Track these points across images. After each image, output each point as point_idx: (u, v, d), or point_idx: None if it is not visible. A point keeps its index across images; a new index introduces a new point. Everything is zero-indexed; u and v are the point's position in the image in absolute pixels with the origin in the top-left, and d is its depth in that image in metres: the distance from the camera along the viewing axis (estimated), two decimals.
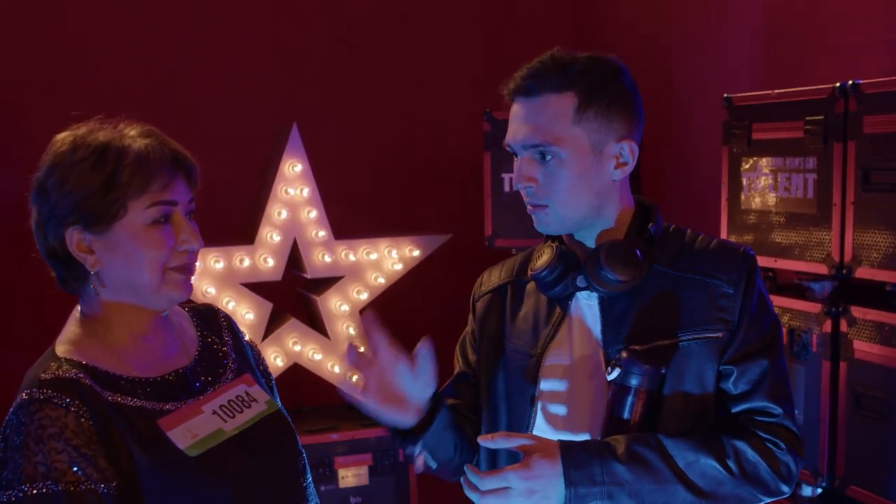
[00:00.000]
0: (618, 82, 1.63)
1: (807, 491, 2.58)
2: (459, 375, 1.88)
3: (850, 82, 2.41)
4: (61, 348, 1.48)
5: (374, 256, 3.55)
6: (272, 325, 3.48)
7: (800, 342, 2.54)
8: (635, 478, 1.54)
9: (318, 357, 3.52)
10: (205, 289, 3.31)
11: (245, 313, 3.37)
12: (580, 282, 1.65)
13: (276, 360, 3.45)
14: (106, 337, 1.51)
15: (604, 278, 1.60)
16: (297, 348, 3.49)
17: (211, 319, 1.71)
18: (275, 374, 3.37)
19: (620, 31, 4.21)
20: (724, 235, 2.83)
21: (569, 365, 1.69)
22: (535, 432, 1.70)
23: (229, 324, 1.73)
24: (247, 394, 1.60)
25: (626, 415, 1.59)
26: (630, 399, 1.58)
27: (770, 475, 1.58)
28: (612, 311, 1.66)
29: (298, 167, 3.42)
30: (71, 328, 1.53)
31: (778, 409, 1.60)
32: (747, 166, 2.75)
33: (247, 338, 1.76)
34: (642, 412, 1.59)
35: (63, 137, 1.49)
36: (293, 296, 3.83)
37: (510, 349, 1.77)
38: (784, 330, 2.58)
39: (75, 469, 1.35)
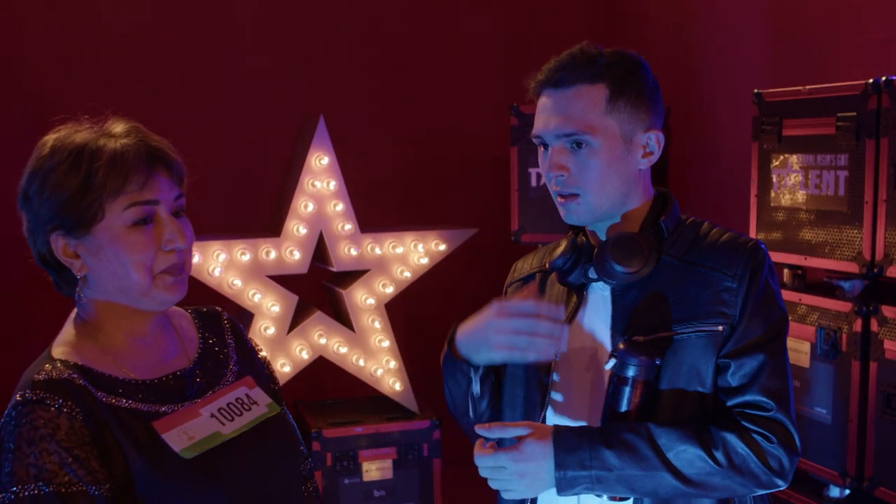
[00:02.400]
0: (643, 75, 1.68)
1: (835, 492, 2.56)
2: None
3: (884, 78, 2.37)
4: (57, 350, 1.48)
5: (400, 250, 3.55)
6: (298, 317, 3.49)
7: (829, 341, 2.51)
8: (622, 464, 1.58)
9: (343, 350, 3.53)
10: (231, 281, 3.32)
11: (271, 306, 3.39)
12: (591, 273, 1.70)
13: (301, 353, 3.46)
14: (101, 339, 1.50)
15: (610, 270, 1.64)
16: (323, 341, 3.50)
17: (213, 321, 1.68)
18: (300, 367, 3.43)
19: (648, 25, 4.18)
20: (752, 233, 2.80)
21: (581, 353, 1.73)
22: (547, 418, 1.74)
23: (233, 325, 1.70)
24: (247, 396, 1.58)
25: (623, 406, 1.61)
26: (627, 390, 1.61)
27: (760, 468, 1.58)
28: (622, 301, 1.69)
29: (325, 160, 3.42)
30: (67, 330, 1.52)
31: (771, 404, 1.60)
32: (777, 163, 2.72)
33: (254, 344, 1.74)
34: (639, 403, 1.61)
35: (45, 140, 1.46)
36: (319, 289, 3.85)
37: None
38: (813, 329, 2.56)
39: (66, 470, 1.34)
